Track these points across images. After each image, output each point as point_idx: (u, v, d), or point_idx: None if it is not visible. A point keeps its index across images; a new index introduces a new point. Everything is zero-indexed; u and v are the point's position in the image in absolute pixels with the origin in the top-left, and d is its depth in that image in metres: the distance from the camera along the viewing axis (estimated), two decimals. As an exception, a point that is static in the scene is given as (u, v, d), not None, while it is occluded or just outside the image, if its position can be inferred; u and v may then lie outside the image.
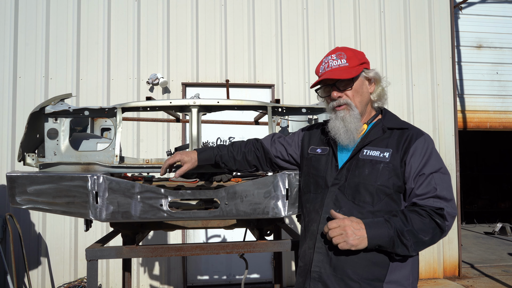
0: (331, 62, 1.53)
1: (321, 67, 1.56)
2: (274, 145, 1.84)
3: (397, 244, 1.32)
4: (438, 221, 1.34)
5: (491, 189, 11.54)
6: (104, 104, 4.86)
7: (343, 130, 1.49)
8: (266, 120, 2.76)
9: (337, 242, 1.31)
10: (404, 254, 1.34)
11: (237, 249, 2.06)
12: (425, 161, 1.41)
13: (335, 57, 1.53)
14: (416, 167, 1.41)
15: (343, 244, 1.31)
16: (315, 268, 1.47)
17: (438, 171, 1.41)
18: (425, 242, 1.35)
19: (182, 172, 1.72)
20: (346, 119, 1.49)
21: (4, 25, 4.81)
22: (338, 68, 1.50)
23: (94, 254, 1.92)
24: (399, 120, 1.58)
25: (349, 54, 1.53)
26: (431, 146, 1.47)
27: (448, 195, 1.38)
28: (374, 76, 1.55)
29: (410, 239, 1.31)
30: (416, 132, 1.51)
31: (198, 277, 5.01)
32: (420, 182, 1.40)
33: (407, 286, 1.43)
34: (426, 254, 5.38)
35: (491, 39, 6.21)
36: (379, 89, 1.56)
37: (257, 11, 5.29)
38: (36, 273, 4.65)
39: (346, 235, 1.30)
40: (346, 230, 1.31)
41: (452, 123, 5.60)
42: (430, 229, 1.33)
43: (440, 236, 1.37)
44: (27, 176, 1.85)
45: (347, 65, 1.50)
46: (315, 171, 1.60)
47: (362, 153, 1.48)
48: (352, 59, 1.52)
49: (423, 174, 1.40)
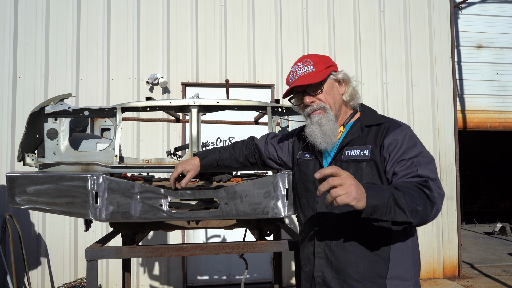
0: (298, 70, 1.54)
1: (290, 77, 1.57)
2: (267, 147, 1.85)
3: (394, 208, 1.18)
4: (426, 191, 1.26)
5: (491, 189, 11.53)
6: (104, 104, 4.86)
7: (320, 134, 1.49)
8: (266, 120, 2.76)
9: (338, 194, 1.10)
10: (403, 220, 1.20)
11: (237, 249, 2.06)
12: (404, 149, 1.38)
13: (301, 64, 1.54)
14: (394, 155, 1.39)
15: (345, 196, 1.10)
16: (317, 273, 1.49)
17: (418, 155, 1.37)
18: (419, 212, 1.22)
19: (186, 181, 1.70)
20: (321, 122, 1.49)
21: (4, 25, 4.81)
22: (306, 74, 1.51)
23: (94, 254, 1.91)
24: (377, 115, 1.57)
25: (314, 60, 1.54)
26: (409, 134, 1.43)
27: (431, 175, 1.32)
28: (343, 77, 1.56)
29: (406, 203, 1.19)
30: (393, 123, 1.49)
31: (198, 277, 5.00)
32: (400, 166, 1.36)
33: (409, 280, 1.42)
34: (426, 254, 5.38)
35: (491, 39, 6.20)
36: (350, 89, 1.57)
37: (257, 11, 5.29)
38: (36, 273, 4.65)
39: (350, 185, 1.11)
40: (348, 180, 1.13)
41: (452, 123, 5.60)
42: (420, 199, 1.23)
43: (431, 209, 1.25)
44: (26, 176, 1.85)
45: (314, 70, 1.51)
46: (305, 176, 1.61)
47: (344, 154, 1.49)
48: (318, 64, 1.53)
49: (403, 160, 1.36)
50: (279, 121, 2.92)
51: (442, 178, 5.51)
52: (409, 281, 1.42)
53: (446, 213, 5.51)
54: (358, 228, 1.42)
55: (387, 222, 1.20)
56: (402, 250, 1.42)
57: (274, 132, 2.03)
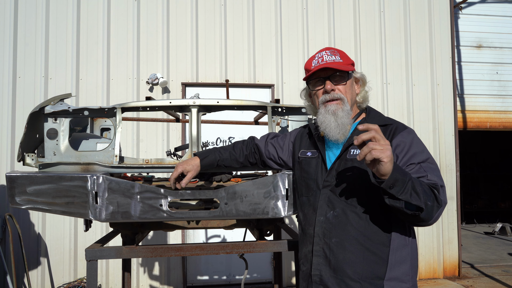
0: (325, 57, 1.54)
1: (314, 61, 1.57)
2: (267, 147, 1.85)
3: (411, 191, 1.21)
4: (435, 192, 1.29)
5: (491, 189, 11.53)
6: (103, 104, 4.86)
7: (334, 124, 1.48)
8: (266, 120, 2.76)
9: (374, 147, 1.15)
10: (417, 203, 1.22)
11: (237, 249, 2.06)
12: (412, 152, 1.41)
13: (329, 53, 1.56)
14: (402, 157, 1.40)
15: (380, 151, 1.15)
16: (315, 271, 1.48)
17: (426, 161, 1.40)
18: (428, 207, 1.25)
19: (186, 181, 1.70)
20: (337, 114, 1.49)
21: (3, 25, 4.81)
22: (333, 62, 1.52)
23: (93, 254, 1.91)
24: (383, 117, 1.59)
25: (341, 53, 1.57)
26: (416, 138, 1.46)
27: (440, 181, 1.35)
28: (361, 77, 1.60)
29: (421, 191, 1.23)
30: (400, 125, 1.51)
31: (198, 277, 5.00)
32: (409, 169, 1.38)
33: (407, 281, 1.42)
34: (426, 254, 5.38)
35: (491, 39, 6.20)
36: (364, 91, 1.61)
37: (257, 11, 5.29)
38: (35, 273, 4.65)
39: (386, 145, 1.17)
40: (386, 144, 1.18)
41: (452, 123, 5.60)
42: (431, 196, 1.27)
43: (437, 209, 1.29)
44: (26, 176, 1.84)
45: (341, 61, 1.53)
46: (306, 174, 1.61)
47: (349, 153, 1.49)
48: (345, 57, 1.56)
49: (412, 164, 1.39)
50: (279, 121, 2.91)
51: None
52: (407, 283, 1.42)
53: (446, 213, 5.51)
54: (359, 228, 1.42)
55: (400, 202, 1.23)
56: (401, 251, 1.42)
57: (274, 132, 2.03)
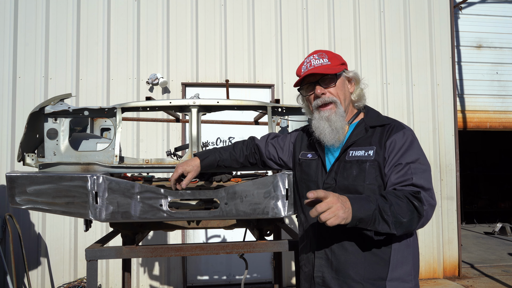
0: (313, 61, 1.55)
1: (303, 67, 1.58)
2: (267, 148, 1.85)
3: (378, 220, 1.26)
4: (415, 204, 1.30)
5: (491, 189, 11.53)
6: (103, 104, 4.86)
7: (328, 130, 1.49)
8: (266, 120, 2.76)
9: (327, 218, 1.17)
10: (385, 231, 1.28)
11: (237, 249, 2.06)
12: (402, 152, 1.41)
13: (317, 56, 1.56)
14: (393, 157, 1.41)
15: (334, 219, 1.18)
16: (317, 273, 1.49)
17: (416, 161, 1.40)
18: (403, 224, 1.29)
19: (187, 182, 1.70)
20: (331, 119, 1.49)
21: (3, 25, 4.81)
22: (321, 66, 1.53)
23: (93, 254, 1.91)
24: (381, 116, 1.59)
25: (330, 55, 1.57)
26: (410, 138, 1.45)
27: (426, 184, 1.36)
28: (354, 76, 1.59)
29: (390, 216, 1.26)
30: (396, 125, 1.51)
31: (198, 277, 5.00)
32: (397, 171, 1.39)
33: (410, 281, 1.43)
34: (426, 254, 5.38)
35: (491, 39, 6.20)
36: (358, 90, 1.60)
37: (257, 11, 5.29)
38: (35, 273, 4.65)
39: (337, 208, 1.19)
40: (335, 203, 1.20)
41: (452, 123, 5.60)
42: (408, 211, 1.29)
43: (418, 220, 1.32)
44: (26, 176, 1.85)
45: (329, 64, 1.54)
46: (307, 176, 1.61)
47: (348, 155, 1.49)
48: (333, 59, 1.56)
49: (399, 164, 1.39)
50: (279, 121, 2.92)
51: (442, 178, 5.51)
52: (409, 282, 1.42)
53: (446, 213, 5.51)
54: (360, 229, 1.41)
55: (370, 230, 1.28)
56: (403, 252, 1.42)
57: (274, 132, 2.03)
